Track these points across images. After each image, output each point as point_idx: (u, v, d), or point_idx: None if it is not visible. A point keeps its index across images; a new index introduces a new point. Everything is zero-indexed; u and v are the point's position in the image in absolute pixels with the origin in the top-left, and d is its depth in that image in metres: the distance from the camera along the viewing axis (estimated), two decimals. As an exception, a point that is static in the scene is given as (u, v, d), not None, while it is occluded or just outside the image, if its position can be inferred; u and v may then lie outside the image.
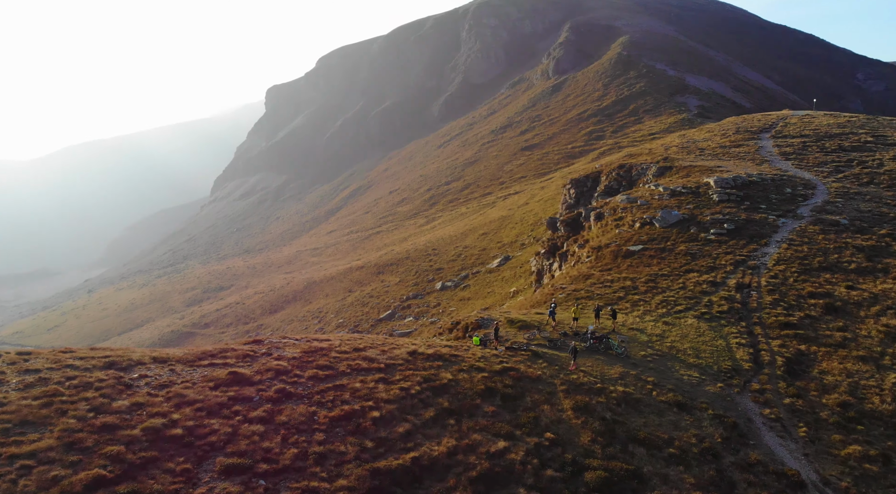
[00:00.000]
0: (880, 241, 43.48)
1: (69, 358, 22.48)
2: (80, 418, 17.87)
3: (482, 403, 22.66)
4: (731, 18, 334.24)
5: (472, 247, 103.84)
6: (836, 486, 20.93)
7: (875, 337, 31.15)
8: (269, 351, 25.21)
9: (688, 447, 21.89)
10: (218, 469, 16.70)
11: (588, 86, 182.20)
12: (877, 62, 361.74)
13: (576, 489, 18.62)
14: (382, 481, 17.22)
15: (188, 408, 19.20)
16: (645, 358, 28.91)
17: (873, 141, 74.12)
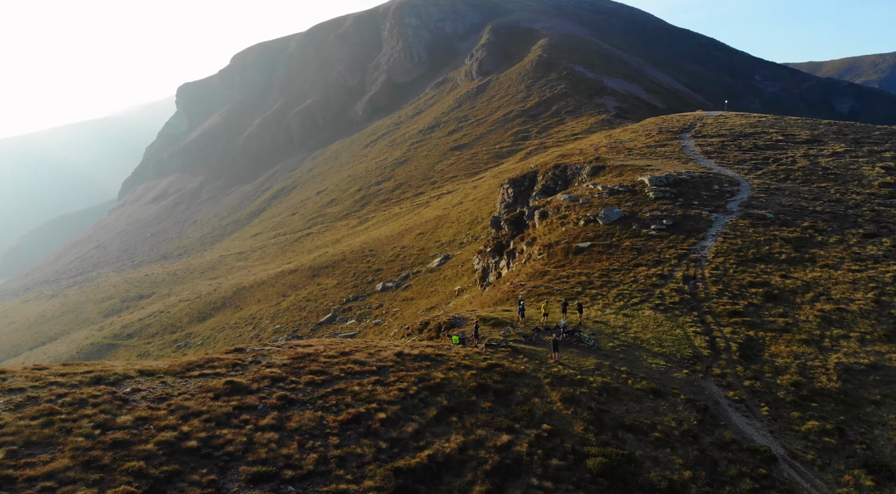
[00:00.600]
0: (804, 233, 47.53)
1: (49, 375, 21.42)
2: (87, 436, 17.20)
3: (477, 399, 23.37)
4: (640, 22, 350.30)
5: (411, 247, 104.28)
6: (803, 459, 23.07)
7: (813, 322, 34.21)
8: (255, 358, 24.88)
9: (670, 430, 23.45)
10: (244, 477, 16.57)
11: (512, 87, 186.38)
12: (772, 64, 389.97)
13: (581, 475, 19.67)
14: (406, 480, 17.61)
15: (196, 420, 18.82)
16: (614, 349, 30.54)
17: (784, 139, 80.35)
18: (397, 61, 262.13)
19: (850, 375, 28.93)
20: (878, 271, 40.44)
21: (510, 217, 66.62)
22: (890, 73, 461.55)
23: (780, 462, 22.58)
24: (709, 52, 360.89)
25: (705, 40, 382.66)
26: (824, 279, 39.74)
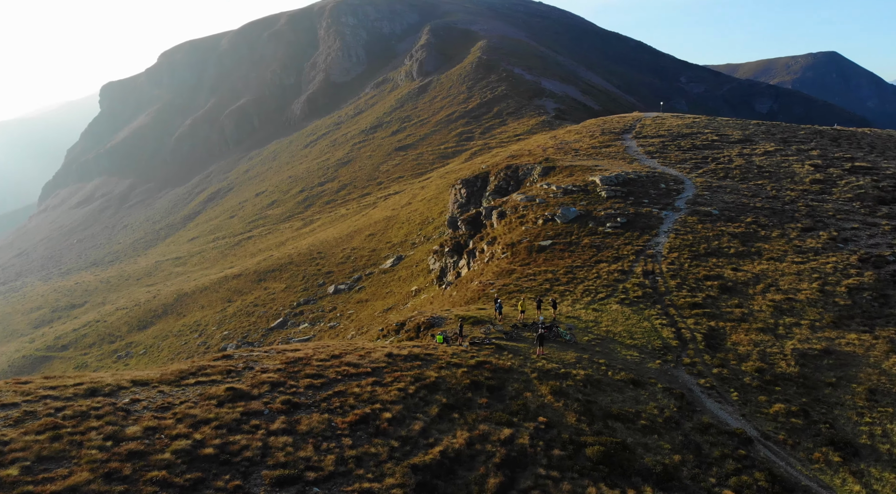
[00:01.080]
0: (748, 228, 50.54)
1: (37, 389, 20.65)
2: (100, 448, 16.80)
3: (473, 396, 24.01)
4: (572, 25, 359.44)
5: (361, 248, 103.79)
6: (775, 439, 24.85)
7: (766, 311, 36.61)
8: (247, 364, 24.66)
9: (653, 418, 24.78)
10: (268, 481, 16.61)
11: (453, 88, 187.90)
12: (696, 66, 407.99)
13: (582, 464, 20.61)
14: (424, 476, 18.06)
15: (206, 427, 18.63)
16: (590, 342, 31.82)
17: (719, 139, 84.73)
18: (335, 60, 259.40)
19: (805, 360, 31.23)
20: (820, 262, 43.56)
21: (467, 217, 67.57)
22: (802, 74, 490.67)
23: (756, 443, 24.26)
24: (637, 55, 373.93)
25: (633, 43, 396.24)
26: (772, 271, 42.49)
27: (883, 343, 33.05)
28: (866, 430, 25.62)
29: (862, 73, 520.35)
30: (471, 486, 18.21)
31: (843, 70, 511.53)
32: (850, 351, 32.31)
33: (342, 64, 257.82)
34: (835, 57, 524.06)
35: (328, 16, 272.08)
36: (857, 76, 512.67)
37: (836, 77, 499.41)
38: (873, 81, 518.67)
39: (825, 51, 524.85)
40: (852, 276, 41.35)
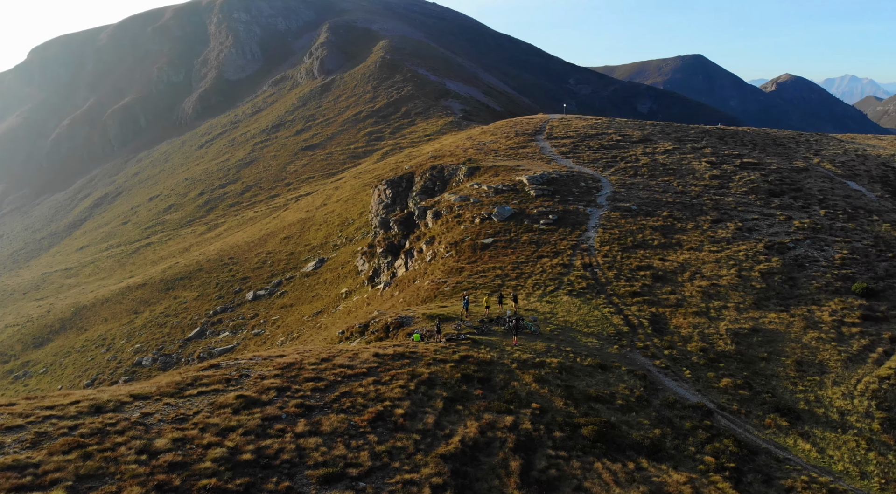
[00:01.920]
0: (666, 222, 55.04)
1: (32, 410, 19.66)
2: (138, 462, 16.51)
3: (468, 388, 25.27)
4: (467, 27, 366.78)
5: (277, 252, 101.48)
6: (730, 409, 27.98)
7: (697, 296, 40.45)
8: (241, 372, 24.51)
9: (627, 398, 27.15)
10: (315, 481, 17.04)
11: (358, 87, 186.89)
12: (582, 69, 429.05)
13: (582, 443, 22.47)
14: (453, 464, 19.13)
15: (234, 435, 18.67)
16: (553, 332, 33.93)
17: (622, 139, 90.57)
18: (228, 57, 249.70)
19: (739, 339, 35.04)
20: (733, 251, 48.42)
21: (399, 217, 68.33)
22: (672, 75, 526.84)
23: (716, 414, 27.24)
24: (528, 58, 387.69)
25: (525, 46, 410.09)
26: (694, 260, 46.78)
27: (799, 320, 37.67)
28: (802, 397, 29.41)
29: (724, 74, 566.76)
30: (497, 470, 19.49)
31: (708, 72, 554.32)
32: (773, 328, 36.57)
33: (236, 61, 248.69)
34: (700, 59, 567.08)
35: (218, 11, 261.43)
36: (720, 77, 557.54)
37: (702, 78, 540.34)
38: (734, 82, 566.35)
39: (692, 54, 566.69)
40: (762, 262, 46.41)
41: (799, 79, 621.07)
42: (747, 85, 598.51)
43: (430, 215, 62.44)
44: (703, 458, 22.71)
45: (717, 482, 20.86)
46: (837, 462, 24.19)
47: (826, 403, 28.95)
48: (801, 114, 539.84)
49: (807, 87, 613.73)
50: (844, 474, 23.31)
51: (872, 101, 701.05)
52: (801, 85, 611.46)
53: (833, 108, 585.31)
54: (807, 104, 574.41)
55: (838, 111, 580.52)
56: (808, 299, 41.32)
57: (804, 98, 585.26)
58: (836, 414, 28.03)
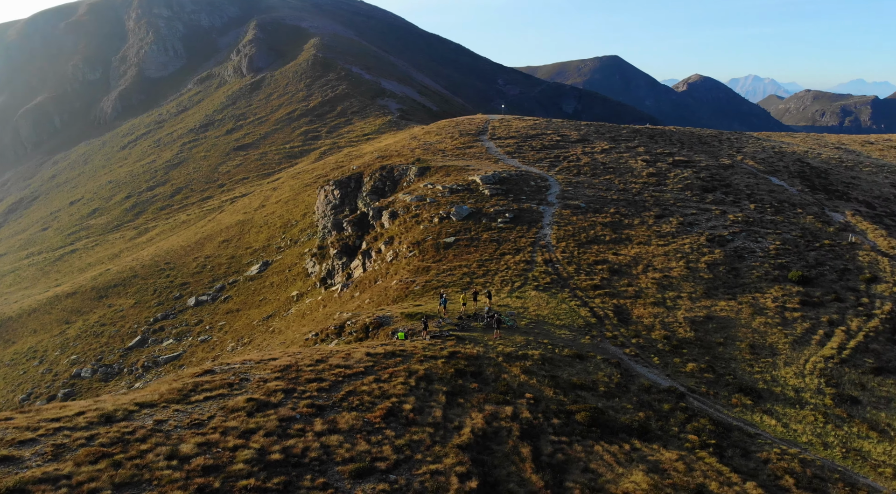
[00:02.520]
0: (614, 218, 57.73)
1: (36, 423, 19.14)
2: (171, 467, 16.49)
3: (464, 382, 26.19)
4: (396, 26, 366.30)
5: (217, 256, 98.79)
6: (699, 391, 30.15)
7: (652, 288, 42.91)
8: (239, 376, 24.47)
9: (608, 384, 28.81)
10: (347, 476, 17.51)
11: (290, 86, 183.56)
12: (510, 69, 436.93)
13: (579, 428, 23.82)
14: (470, 452, 20.00)
15: (257, 436, 18.84)
16: (528, 326, 35.32)
17: (561, 139, 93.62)
18: (149, 54, 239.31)
19: (696, 326, 37.57)
20: (678, 244, 51.48)
21: (353, 218, 68.25)
22: (591, 76, 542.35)
23: (688, 396, 29.30)
24: (458, 58, 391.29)
25: (454, 45, 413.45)
26: (644, 254, 49.45)
27: (746, 307, 40.71)
28: (759, 377, 32.01)
29: (640, 74, 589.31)
30: (511, 456, 20.53)
31: (624, 72, 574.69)
32: (725, 315, 39.40)
33: (158, 58, 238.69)
34: (617, 60, 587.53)
35: (137, 6, 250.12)
36: (636, 78, 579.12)
37: (619, 79, 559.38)
38: (649, 82, 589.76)
39: (609, 55, 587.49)
40: (706, 254, 49.63)
41: (708, 79, 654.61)
42: (661, 85, 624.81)
43: (386, 215, 62.78)
44: (686, 437, 24.54)
45: (704, 457, 22.69)
46: (801, 435, 26.66)
47: (781, 382, 31.67)
48: (710, 112, 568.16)
49: (715, 87, 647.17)
50: (809, 445, 25.75)
51: (775, 100, 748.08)
52: (709, 84, 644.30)
53: (739, 107, 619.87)
54: (715, 103, 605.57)
55: (744, 109, 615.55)
56: (751, 287, 44.63)
57: (713, 97, 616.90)
58: (792, 392, 30.74)
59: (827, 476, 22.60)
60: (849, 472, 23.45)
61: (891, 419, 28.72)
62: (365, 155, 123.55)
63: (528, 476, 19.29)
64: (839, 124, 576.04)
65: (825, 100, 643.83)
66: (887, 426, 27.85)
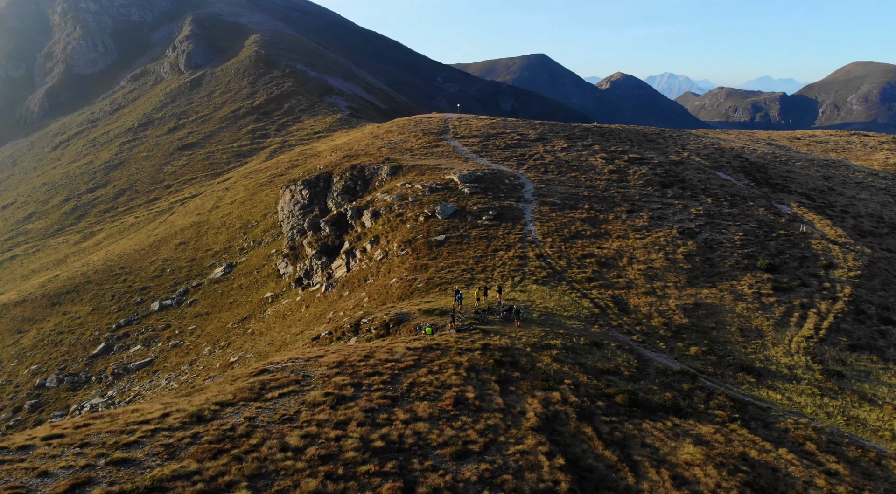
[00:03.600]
0: (589, 214, 60.56)
1: (128, 427, 19.54)
2: (289, 459, 17.35)
3: (506, 372, 27.80)
4: (332, 22, 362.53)
5: (175, 259, 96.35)
6: (708, 372, 32.85)
7: (640, 279, 45.73)
8: (300, 373, 25.23)
9: (629, 369, 31.06)
10: (449, 458, 18.81)
11: (233, 83, 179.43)
12: (448, 67, 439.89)
13: (623, 409, 25.87)
14: (542, 434, 21.65)
15: (352, 426, 19.85)
16: (540, 318, 37.25)
17: (521, 138, 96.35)
18: (77, 50, 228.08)
19: (688, 313, 40.53)
20: (654, 237, 54.72)
21: (330, 218, 68.44)
22: (519, 74, 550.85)
23: (699, 377, 31.94)
24: (397, 55, 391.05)
25: (391, 43, 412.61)
26: (626, 247, 52.38)
27: (727, 294, 44.08)
28: (755, 358, 35.12)
29: (566, 72, 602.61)
30: (578, 436, 22.32)
31: (551, 70, 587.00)
32: (710, 302, 42.60)
33: (87, 54, 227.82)
34: (544, 58, 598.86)
35: (62, 1, 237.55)
36: (562, 76, 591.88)
37: (547, 76, 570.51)
38: (575, 80, 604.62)
39: (536, 53, 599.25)
40: (681, 246, 53.05)
41: (630, 77, 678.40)
42: (586, 82, 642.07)
43: (367, 215, 63.44)
44: (714, 413, 27.02)
45: (736, 429, 25.18)
46: (805, 407, 29.71)
47: (774, 361, 34.88)
48: (632, 109, 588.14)
49: (636, 85, 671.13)
50: (815, 416, 28.78)
51: (691, 97, 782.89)
52: (631, 82, 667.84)
53: (659, 104, 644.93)
54: (637, 100, 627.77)
55: (664, 106, 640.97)
56: (727, 276, 48.21)
57: (635, 95, 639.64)
58: (785, 370, 33.95)
59: (839, 441, 25.54)
60: (854, 437, 26.52)
61: (874, 390, 32.33)
62: (322, 153, 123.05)
63: (601, 452, 21.13)
64: (751, 120, 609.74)
65: (738, 97, 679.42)
66: (873, 396, 31.37)
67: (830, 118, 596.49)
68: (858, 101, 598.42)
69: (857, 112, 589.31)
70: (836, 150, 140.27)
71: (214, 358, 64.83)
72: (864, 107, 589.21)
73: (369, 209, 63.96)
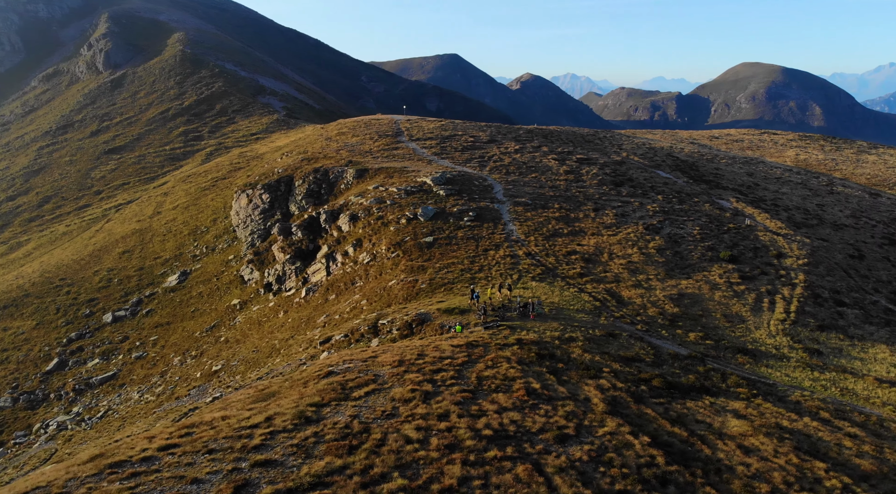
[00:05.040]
0: (561, 212, 63.67)
1: (241, 432, 20.20)
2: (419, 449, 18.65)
3: (551, 363, 29.85)
4: (252, 20, 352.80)
5: (122, 268, 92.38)
6: (711, 355, 36.19)
7: (624, 273, 49.03)
8: (366, 373, 26.25)
9: (648, 356, 33.85)
10: (552, 442, 20.61)
11: (158, 83, 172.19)
12: (372, 66, 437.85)
13: (661, 391, 28.50)
14: (616, 417, 23.85)
15: (453, 418, 21.28)
16: (551, 312, 39.55)
17: (474, 140, 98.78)
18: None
19: (676, 302, 44.07)
20: (625, 233, 58.44)
21: (302, 222, 68.17)
22: (434, 73, 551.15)
23: (706, 359, 35.22)
24: (319, 54, 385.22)
25: (313, 41, 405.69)
26: (602, 243, 55.74)
27: (703, 284, 48.10)
28: (745, 340, 38.91)
29: (479, 73, 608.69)
30: (644, 417, 24.65)
31: (464, 70, 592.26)
32: (691, 292, 46.41)
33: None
34: (457, 58, 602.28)
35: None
36: (475, 76, 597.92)
37: (461, 77, 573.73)
38: (487, 80, 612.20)
39: (449, 53, 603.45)
40: (651, 241, 57.00)
41: (538, 77, 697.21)
42: (497, 82, 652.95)
43: (344, 218, 63.83)
44: (736, 391, 30.15)
45: (761, 404, 28.34)
46: (802, 381, 33.51)
47: (761, 342, 38.81)
48: (542, 109, 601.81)
49: (545, 85, 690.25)
50: (813, 389, 32.56)
51: (594, 97, 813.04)
52: (540, 83, 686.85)
53: (567, 104, 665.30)
54: (546, 100, 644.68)
55: (571, 106, 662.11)
56: (697, 267, 52.44)
57: (544, 95, 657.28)
58: (773, 350, 37.90)
59: (844, 409, 29.26)
60: (853, 405, 30.38)
61: (850, 364, 36.77)
62: (264, 155, 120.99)
63: (670, 429, 23.55)
64: (650, 118, 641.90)
65: (638, 97, 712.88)
66: (853, 369, 35.74)
67: (722, 116, 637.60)
68: (747, 100, 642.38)
69: (745, 110, 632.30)
70: (752, 148, 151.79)
71: (189, 367, 63.34)
72: (752, 106, 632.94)
73: (346, 212, 64.39)
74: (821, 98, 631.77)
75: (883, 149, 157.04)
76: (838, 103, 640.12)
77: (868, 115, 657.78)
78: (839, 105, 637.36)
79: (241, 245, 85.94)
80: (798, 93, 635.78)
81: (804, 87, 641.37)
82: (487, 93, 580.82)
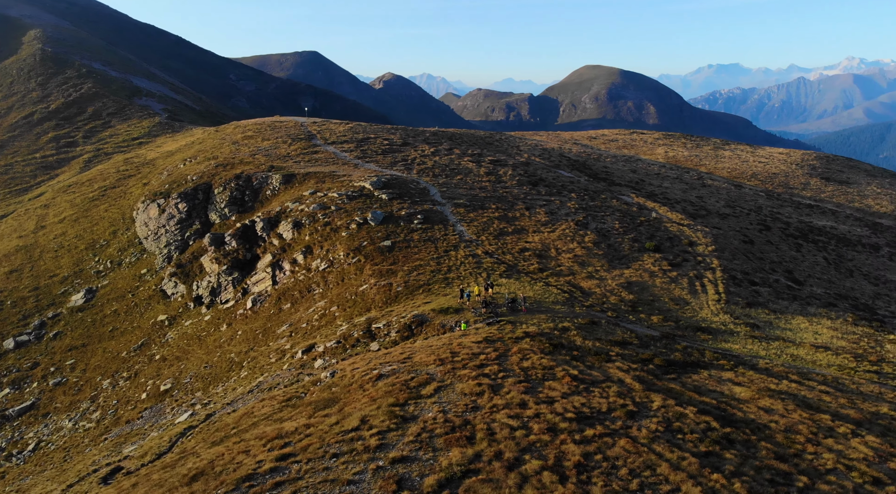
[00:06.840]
0: (499, 212, 67.09)
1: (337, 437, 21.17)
2: (526, 436, 20.70)
3: (566, 352, 32.82)
4: (107, 15, 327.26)
5: (13, 289, 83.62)
6: (677, 334, 40.88)
7: (574, 266, 53.26)
8: (416, 372, 27.59)
9: (633, 339, 37.83)
10: (623, 417, 23.41)
11: (17, 85, 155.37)
12: (239, 64, 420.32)
13: (664, 369, 32.37)
14: (655, 393, 27.16)
15: (531, 405, 23.45)
16: (532, 305, 42.60)
17: (389, 143, 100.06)
18: None
19: (629, 290, 48.84)
20: (561, 230, 62.99)
21: (235, 231, 66.01)
22: (293, 70, 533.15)
23: (676, 338, 39.88)
24: (182, 51, 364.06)
25: (175, 38, 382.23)
26: (545, 240, 59.82)
27: (643, 272, 53.50)
28: (697, 320, 44.22)
29: (341, 71, 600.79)
30: (672, 391, 28.17)
31: (326, 68, 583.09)
32: (637, 280, 51.55)
33: None
34: (317, 56, 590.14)
35: None
36: (338, 74, 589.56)
37: (322, 75, 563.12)
38: (350, 79, 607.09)
39: (309, 50, 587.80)
40: (585, 236, 61.97)
41: (400, 78, 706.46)
42: (361, 82, 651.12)
43: (285, 226, 62.91)
44: (719, 363, 34.70)
45: (745, 372, 33.06)
46: (758, 351, 39.06)
47: (710, 321, 44.37)
48: (406, 108, 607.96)
49: (407, 85, 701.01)
50: (770, 357, 38.13)
51: (453, 98, 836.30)
52: (402, 83, 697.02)
53: (429, 104, 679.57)
54: (409, 100, 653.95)
55: (433, 106, 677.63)
56: (631, 257, 58.00)
57: (407, 94, 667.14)
58: (722, 326, 43.53)
59: (804, 371, 34.82)
60: (807, 369, 36.15)
61: (783, 334, 43.18)
62: (155, 161, 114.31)
63: (700, 398, 27.24)
64: (506, 119, 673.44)
65: (494, 98, 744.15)
66: (790, 339, 42.08)
67: (570, 116, 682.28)
68: (591, 101, 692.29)
69: (590, 110, 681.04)
70: (627, 147, 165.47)
71: (125, 390, 59.56)
72: (595, 106, 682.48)
73: (286, 219, 63.54)
74: (654, 98, 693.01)
75: (734, 145, 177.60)
76: (669, 102, 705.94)
77: (694, 113, 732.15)
78: (670, 104, 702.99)
79: (152, 258, 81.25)
80: (635, 93, 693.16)
81: (640, 88, 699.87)
82: (351, 92, 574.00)
